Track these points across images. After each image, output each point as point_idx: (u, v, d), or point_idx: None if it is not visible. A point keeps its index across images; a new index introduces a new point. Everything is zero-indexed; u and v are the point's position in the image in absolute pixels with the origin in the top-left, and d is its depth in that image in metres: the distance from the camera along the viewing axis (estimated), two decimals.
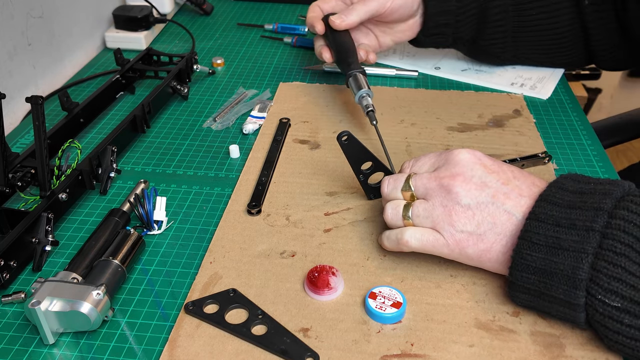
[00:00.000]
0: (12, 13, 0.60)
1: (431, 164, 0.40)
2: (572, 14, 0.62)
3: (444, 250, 0.38)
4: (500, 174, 0.38)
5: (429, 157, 0.41)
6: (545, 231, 0.34)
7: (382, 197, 0.42)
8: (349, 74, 0.56)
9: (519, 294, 0.36)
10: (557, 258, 0.33)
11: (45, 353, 0.36)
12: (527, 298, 0.36)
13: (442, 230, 0.37)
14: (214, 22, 0.85)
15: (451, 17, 0.62)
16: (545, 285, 0.34)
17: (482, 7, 0.62)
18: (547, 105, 0.63)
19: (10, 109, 0.61)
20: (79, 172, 0.47)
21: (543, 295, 0.35)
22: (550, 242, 0.34)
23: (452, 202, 0.37)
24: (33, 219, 0.42)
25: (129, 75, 0.64)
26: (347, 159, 0.45)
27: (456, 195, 0.37)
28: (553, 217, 0.34)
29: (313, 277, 0.39)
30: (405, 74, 0.66)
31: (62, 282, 0.36)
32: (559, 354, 0.35)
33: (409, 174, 0.40)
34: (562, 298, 0.33)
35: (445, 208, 0.37)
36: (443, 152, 0.40)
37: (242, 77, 0.69)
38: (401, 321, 0.37)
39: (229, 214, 0.46)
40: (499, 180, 0.37)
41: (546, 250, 0.34)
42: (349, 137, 0.44)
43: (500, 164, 0.39)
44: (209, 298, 0.38)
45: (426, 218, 0.38)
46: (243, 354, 0.35)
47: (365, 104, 0.54)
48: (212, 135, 0.58)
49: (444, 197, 0.37)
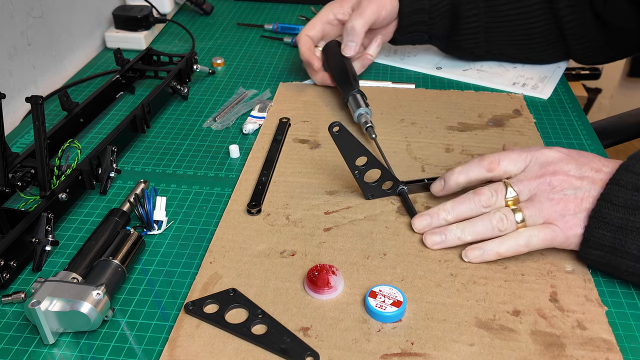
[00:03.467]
0: (12, 13, 0.60)
1: (518, 167, 0.42)
2: (545, 9, 0.62)
3: (560, 239, 0.39)
4: (591, 163, 0.41)
5: (511, 160, 0.42)
6: (624, 194, 0.37)
7: (478, 209, 0.42)
8: (349, 94, 0.57)
9: (591, 250, 0.39)
10: (633, 217, 0.37)
11: (45, 353, 0.36)
12: (599, 254, 0.39)
13: (556, 221, 0.39)
14: (214, 22, 0.85)
15: (425, 15, 0.62)
16: (620, 242, 0.37)
17: (455, 4, 0.62)
18: (547, 105, 0.63)
19: (10, 109, 0.61)
20: (79, 172, 0.47)
21: (616, 250, 0.38)
22: (628, 204, 0.37)
23: (559, 194, 0.40)
24: (33, 219, 0.42)
25: (129, 75, 0.64)
26: (340, 151, 0.44)
27: (560, 188, 0.40)
28: (632, 183, 0.38)
29: (313, 276, 0.39)
30: (401, 86, 0.66)
31: (62, 282, 0.36)
32: (559, 354, 0.35)
33: (504, 181, 0.42)
34: (635, 253, 0.37)
35: (552, 201, 0.40)
36: (526, 152, 0.42)
37: (242, 77, 0.69)
38: (401, 320, 0.37)
39: (229, 214, 0.46)
40: (592, 169, 0.40)
41: (624, 210, 0.37)
42: (341, 127, 0.43)
43: (587, 156, 0.42)
44: (209, 298, 0.38)
45: (538, 215, 0.40)
46: (243, 353, 0.35)
47: (364, 121, 0.55)
48: (212, 135, 0.58)
49: (549, 192, 0.40)
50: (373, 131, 0.54)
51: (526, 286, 0.39)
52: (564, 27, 0.62)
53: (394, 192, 0.48)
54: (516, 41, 0.65)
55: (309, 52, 0.62)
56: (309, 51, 0.62)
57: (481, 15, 0.63)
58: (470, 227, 0.41)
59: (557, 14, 0.61)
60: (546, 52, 0.66)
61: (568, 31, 0.62)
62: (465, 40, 0.65)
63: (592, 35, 0.62)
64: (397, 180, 0.47)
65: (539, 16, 0.62)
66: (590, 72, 1.46)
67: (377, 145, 0.53)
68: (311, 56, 0.61)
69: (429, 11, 0.62)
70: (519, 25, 0.63)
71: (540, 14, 0.62)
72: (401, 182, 0.48)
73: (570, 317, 0.37)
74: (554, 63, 0.69)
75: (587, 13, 0.61)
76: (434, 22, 0.63)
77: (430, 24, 0.63)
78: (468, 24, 0.63)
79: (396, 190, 0.48)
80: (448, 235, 0.42)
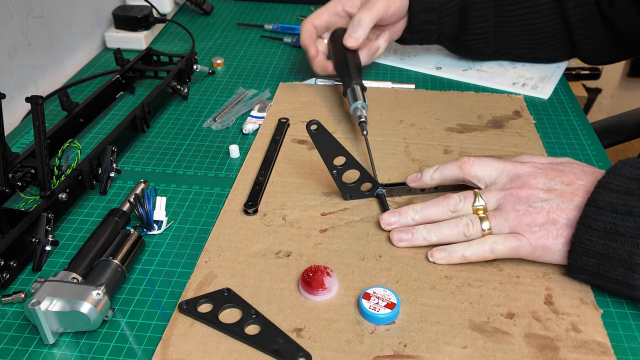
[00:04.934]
0: (12, 13, 0.60)
1: (487, 174, 0.43)
2: (553, 9, 0.62)
3: (527, 249, 0.39)
4: (563, 176, 0.40)
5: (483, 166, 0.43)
6: (604, 217, 0.36)
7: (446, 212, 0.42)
8: (348, 86, 0.57)
9: (577, 274, 0.39)
10: (614, 243, 0.36)
11: (45, 353, 0.36)
12: (585, 278, 0.39)
13: (523, 232, 0.39)
14: (214, 22, 0.85)
15: (435, 14, 0.62)
16: (604, 268, 0.37)
17: (464, 3, 0.62)
18: (547, 105, 0.63)
19: (10, 109, 0.61)
20: (79, 172, 0.47)
21: (601, 276, 0.37)
22: (608, 228, 0.36)
23: (524, 205, 0.40)
24: (33, 219, 0.42)
25: (129, 75, 0.64)
26: (318, 150, 0.44)
27: (527, 200, 0.40)
28: (611, 204, 0.36)
29: (307, 277, 0.39)
30: (401, 86, 0.66)
31: (62, 282, 0.36)
32: (552, 357, 0.35)
33: (474, 191, 0.42)
34: (619, 279, 0.36)
35: (518, 212, 0.40)
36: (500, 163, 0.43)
37: (242, 77, 0.69)
38: (395, 322, 0.37)
39: (226, 214, 0.47)
40: (562, 183, 0.40)
41: (604, 235, 0.36)
42: (319, 126, 0.43)
43: (562, 170, 0.41)
44: (203, 297, 0.38)
45: (504, 225, 0.40)
46: (236, 353, 0.35)
47: (358, 115, 0.54)
48: (212, 135, 0.58)
49: (515, 203, 0.40)
50: (365, 127, 0.53)
51: (521, 288, 0.40)
52: (572, 27, 0.62)
53: (372, 195, 0.48)
54: (524, 41, 0.65)
55: (309, 40, 0.61)
56: (309, 39, 0.61)
57: (490, 15, 0.63)
58: (437, 229, 0.42)
59: (566, 14, 0.61)
60: (553, 52, 0.66)
61: (576, 31, 0.62)
62: (474, 40, 0.65)
63: (599, 35, 0.62)
64: (376, 183, 0.47)
65: (548, 16, 0.62)
66: (590, 72, 1.45)
67: (366, 143, 0.52)
68: (310, 44, 0.61)
69: (439, 10, 0.62)
70: (528, 25, 0.63)
71: (548, 14, 0.62)
72: (380, 185, 0.48)
73: (565, 319, 0.37)
74: (561, 62, 0.69)
75: (594, 13, 0.61)
76: (443, 22, 0.63)
77: (440, 23, 0.63)
78: (477, 24, 0.63)
79: (374, 192, 0.48)
80: (415, 234, 0.42)
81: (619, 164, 0.39)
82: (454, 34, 0.65)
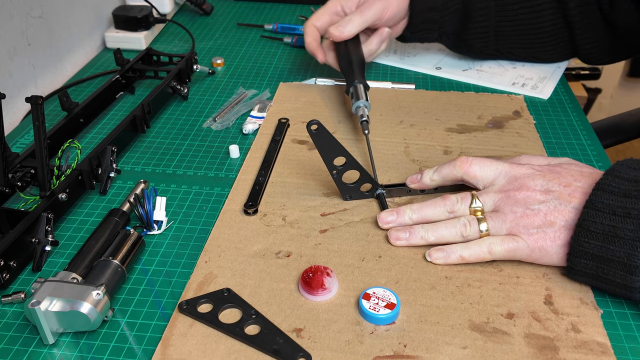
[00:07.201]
0: (12, 13, 0.60)
1: (485, 175, 0.43)
2: (555, 9, 0.62)
3: (524, 251, 0.39)
4: (561, 178, 0.40)
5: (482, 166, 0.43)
6: (602, 220, 0.36)
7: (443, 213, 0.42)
8: (352, 84, 0.57)
9: (577, 276, 0.39)
10: (613, 246, 0.36)
11: (45, 353, 0.36)
12: (585, 280, 0.39)
13: (520, 234, 0.39)
14: (214, 22, 0.85)
15: (436, 13, 0.62)
16: (603, 271, 0.37)
17: (465, 2, 0.63)
18: (547, 105, 0.63)
19: (10, 109, 0.61)
20: (78, 172, 0.47)
21: (600, 278, 0.37)
22: (606, 231, 0.36)
23: (522, 207, 0.40)
24: (33, 219, 0.42)
25: (129, 75, 0.64)
26: (318, 150, 0.44)
27: (524, 202, 0.40)
28: (609, 206, 0.36)
29: (307, 277, 0.39)
30: (401, 87, 0.66)
31: (62, 282, 0.37)
32: (552, 357, 0.35)
33: (472, 192, 0.42)
34: (619, 282, 0.36)
35: (515, 214, 0.40)
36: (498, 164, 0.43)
37: (242, 77, 0.69)
38: (395, 322, 0.37)
39: (226, 214, 0.47)
40: (560, 184, 0.40)
41: (603, 238, 0.36)
42: (319, 126, 0.43)
43: (560, 172, 0.41)
44: (203, 297, 0.38)
45: (501, 226, 0.40)
46: (236, 353, 0.35)
47: (360, 114, 0.54)
48: (212, 135, 0.58)
49: (512, 205, 0.40)
50: (367, 126, 0.53)
51: (521, 289, 0.40)
52: (573, 27, 0.62)
53: (372, 195, 0.48)
54: (525, 40, 0.65)
55: (315, 44, 0.62)
56: (315, 42, 0.62)
57: (491, 14, 0.63)
58: (434, 229, 0.42)
59: (567, 14, 0.62)
60: (554, 52, 0.66)
61: (577, 31, 0.62)
62: (475, 39, 0.65)
63: (600, 35, 0.62)
64: (376, 184, 0.47)
65: (549, 15, 0.62)
66: (590, 72, 1.46)
67: (367, 143, 0.52)
68: (317, 48, 0.61)
69: (441, 9, 0.62)
70: (529, 25, 0.63)
71: (550, 14, 0.62)
72: (380, 186, 0.48)
73: (565, 320, 0.37)
74: (561, 61, 0.69)
75: (595, 13, 0.61)
76: (445, 21, 0.63)
77: (442, 23, 0.63)
78: (478, 23, 0.63)
79: (374, 193, 0.48)
80: (412, 234, 0.42)
81: (617, 165, 0.39)
82: (455, 33, 0.65)
